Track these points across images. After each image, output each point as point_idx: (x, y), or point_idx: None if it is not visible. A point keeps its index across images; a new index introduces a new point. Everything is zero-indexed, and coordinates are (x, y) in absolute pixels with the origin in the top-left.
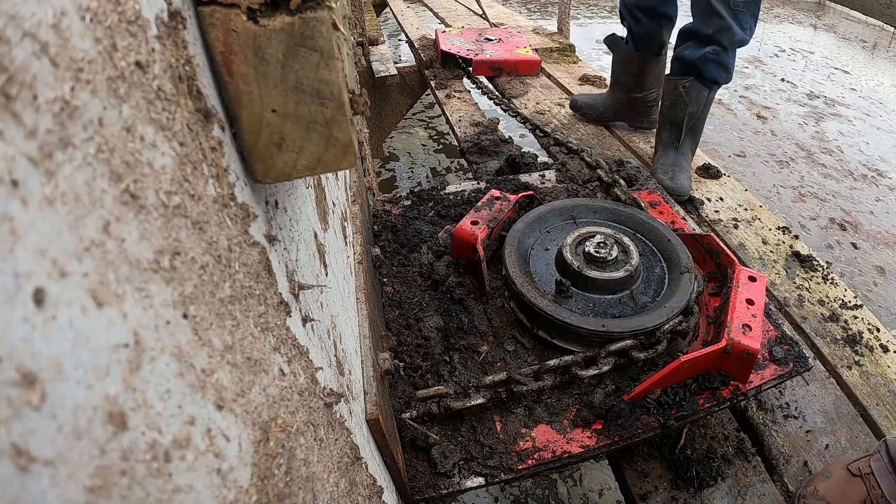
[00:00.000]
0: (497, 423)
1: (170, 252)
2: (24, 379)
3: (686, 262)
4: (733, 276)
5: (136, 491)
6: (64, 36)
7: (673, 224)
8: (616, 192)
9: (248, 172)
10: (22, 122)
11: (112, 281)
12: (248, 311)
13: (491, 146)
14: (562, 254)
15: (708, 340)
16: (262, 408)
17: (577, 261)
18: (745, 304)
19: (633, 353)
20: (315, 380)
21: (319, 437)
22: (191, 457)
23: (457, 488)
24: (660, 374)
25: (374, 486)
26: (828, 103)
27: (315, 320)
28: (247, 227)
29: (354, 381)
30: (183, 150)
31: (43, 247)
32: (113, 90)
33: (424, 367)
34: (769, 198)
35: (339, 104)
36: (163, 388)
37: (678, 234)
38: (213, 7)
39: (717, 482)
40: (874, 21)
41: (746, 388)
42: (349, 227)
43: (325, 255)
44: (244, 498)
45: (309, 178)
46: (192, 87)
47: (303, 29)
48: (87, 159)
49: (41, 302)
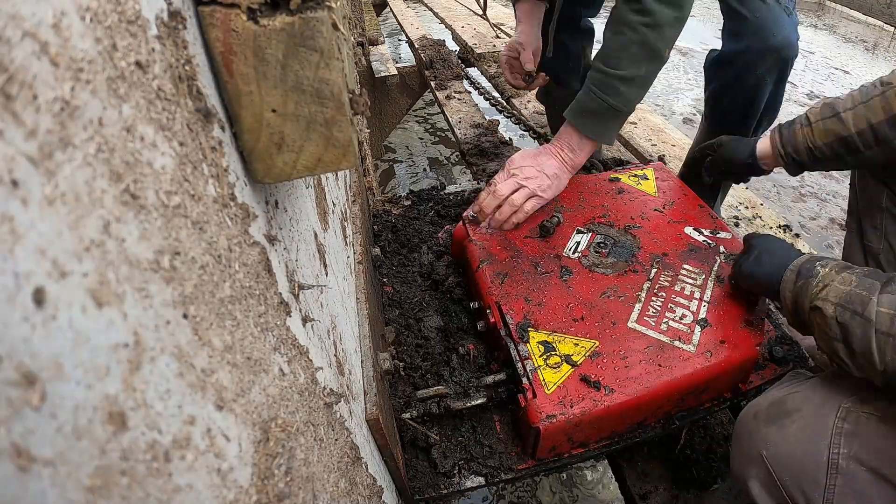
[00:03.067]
0: (497, 423)
1: (170, 252)
2: (24, 379)
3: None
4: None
5: (136, 491)
6: (64, 36)
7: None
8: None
9: (248, 172)
10: (22, 122)
11: (112, 281)
12: (248, 311)
13: (491, 148)
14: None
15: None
16: (262, 408)
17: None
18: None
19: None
20: (315, 380)
21: (319, 437)
22: (191, 457)
23: (457, 488)
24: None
25: (374, 486)
26: None
27: (315, 320)
28: (247, 227)
29: (354, 381)
30: (183, 150)
31: (43, 247)
32: (113, 90)
33: (424, 367)
34: (769, 197)
35: (339, 104)
36: (163, 388)
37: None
38: (213, 7)
39: (717, 482)
40: (874, 21)
41: (746, 387)
42: (349, 227)
43: (325, 255)
44: (244, 498)
45: (309, 178)
46: (192, 87)
47: (303, 29)
48: (87, 159)
49: (41, 302)
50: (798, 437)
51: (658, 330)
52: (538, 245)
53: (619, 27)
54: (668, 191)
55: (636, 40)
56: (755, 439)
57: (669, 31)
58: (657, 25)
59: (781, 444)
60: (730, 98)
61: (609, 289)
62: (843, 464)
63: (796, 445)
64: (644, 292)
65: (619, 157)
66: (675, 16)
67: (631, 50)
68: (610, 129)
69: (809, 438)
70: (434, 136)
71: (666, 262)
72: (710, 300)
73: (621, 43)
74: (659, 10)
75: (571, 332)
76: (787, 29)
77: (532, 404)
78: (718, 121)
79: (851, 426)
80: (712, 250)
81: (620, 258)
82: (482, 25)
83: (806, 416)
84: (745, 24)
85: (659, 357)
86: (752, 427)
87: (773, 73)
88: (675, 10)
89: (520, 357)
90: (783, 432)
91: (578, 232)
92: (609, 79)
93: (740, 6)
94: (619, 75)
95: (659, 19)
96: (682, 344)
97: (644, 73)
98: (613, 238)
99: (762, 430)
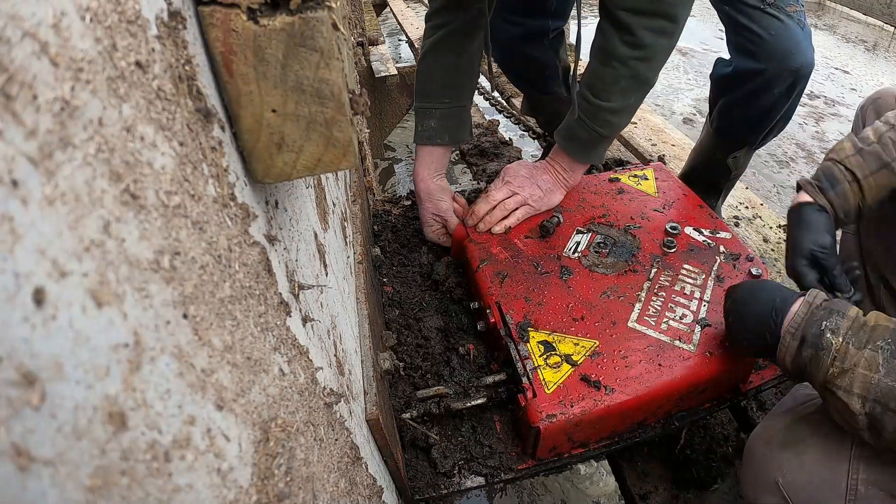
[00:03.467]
0: (497, 423)
1: (170, 252)
2: (24, 379)
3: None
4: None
5: (136, 491)
6: (64, 36)
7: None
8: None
9: (248, 172)
10: (22, 121)
11: (112, 281)
12: (249, 311)
13: (491, 148)
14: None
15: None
16: (262, 408)
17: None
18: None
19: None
20: (315, 380)
21: (319, 437)
22: (191, 457)
23: (457, 488)
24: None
25: (374, 485)
26: (828, 103)
27: (315, 320)
28: (247, 227)
29: (354, 381)
30: (183, 150)
31: (43, 247)
32: (113, 90)
33: (424, 367)
34: (769, 197)
35: (339, 104)
36: (163, 388)
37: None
38: (213, 7)
39: (717, 482)
40: (874, 21)
41: (746, 387)
42: (349, 227)
43: (325, 255)
44: (244, 498)
45: (309, 178)
46: (192, 87)
47: (303, 29)
48: (87, 159)
49: (41, 302)
50: (816, 464)
51: (658, 330)
52: (538, 245)
53: (609, 60)
54: (668, 191)
55: (627, 74)
56: (770, 465)
57: (661, 60)
58: (650, 58)
59: (798, 471)
60: (741, 112)
61: (609, 289)
62: (862, 489)
63: (814, 473)
64: (644, 292)
65: (619, 157)
66: (668, 45)
67: (621, 84)
68: (599, 152)
69: (827, 465)
70: None
71: (666, 262)
72: (710, 300)
73: (612, 77)
74: (653, 42)
75: (571, 332)
76: (803, 45)
77: (532, 404)
78: (727, 130)
79: (870, 450)
80: (712, 250)
81: (620, 258)
82: None
83: (823, 442)
84: (762, 43)
85: (659, 357)
86: (765, 452)
87: (791, 90)
88: (669, 39)
89: (520, 357)
90: (800, 458)
91: (578, 232)
92: (598, 111)
93: (751, 23)
94: (609, 108)
95: (652, 52)
96: (683, 343)
97: (633, 101)
98: (613, 238)
99: (776, 455)
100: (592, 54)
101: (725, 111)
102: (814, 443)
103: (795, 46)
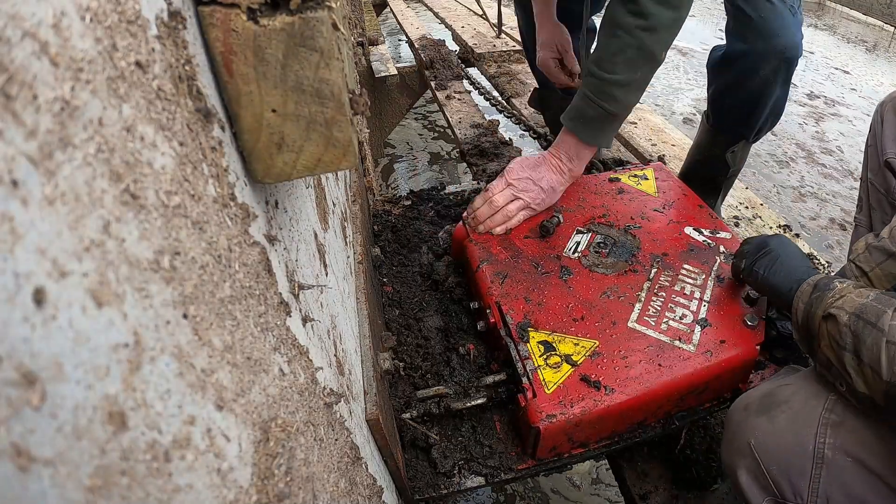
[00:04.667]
0: (497, 423)
1: (170, 252)
2: (24, 379)
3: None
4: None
5: (136, 491)
6: (64, 36)
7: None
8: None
9: (248, 172)
10: (22, 121)
11: (112, 281)
12: (248, 311)
13: (491, 148)
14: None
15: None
16: (262, 408)
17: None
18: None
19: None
20: (315, 380)
21: (319, 437)
22: (191, 457)
23: (457, 488)
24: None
25: (374, 485)
26: (828, 103)
27: (315, 320)
28: (247, 227)
29: (354, 381)
30: (183, 150)
31: (43, 247)
32: (113, 90)
33: (424, 367)
34: (769, 198)
35: (339, 104)
36: (163, 388)
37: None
38: (213, 7)
39: (717, 482)
40: (874, 21)
41: (746, 388)
42: (349, 227)
43: (325, 255)
44: (244, 498)
45: (309, 178)
46: (192, 87)
47: (303, 29)
48: (87, 159)
49: (41, 302)
50: (786, 427)
51: (658, 330)
52: (538, 245)
53: (614, 30)
54: (668, 191)
55: (632, 44)
56: (744, 429)
57: (666, 33)
58: (654, 28)
59: (770, 433)
60: (732, 99)
61: (609, 289)
62: (829, 454)
63: (784, 435)
64: (644, 292)
65: (619, 157)
66: (673, 17)
67: (627, 54)
68: (608, 133)
69: (797, 428)
70: (433, 132)
71: (666, 262)
72: (710, 300)
73: (616, 47)
74: (657, 11)
75: (571, 332)
76: (791, 29)
77: (532, 404)
78: (720, 121)
79: (838, 417)
80: (712, 250)
81: (620, 258)
82: (482, 25)
83: (795, 407)
84: (750, 23)
85: (659, 357)
86: (741, 417)
87: (777, 74)
88: (674, 11)
89: (520, 357)
90: (772, 423)
91: (578, 232)
92: (604, 84)
93: (745, 5)
94: (615, 80)
95: (656, 22)
96: (682, 344)
97: (640, 76)
98: (613, 238)
99: (752, 420)
100: (599, 30)
101: (717, 98)
102: (787, 408)
103: (782, 28)
